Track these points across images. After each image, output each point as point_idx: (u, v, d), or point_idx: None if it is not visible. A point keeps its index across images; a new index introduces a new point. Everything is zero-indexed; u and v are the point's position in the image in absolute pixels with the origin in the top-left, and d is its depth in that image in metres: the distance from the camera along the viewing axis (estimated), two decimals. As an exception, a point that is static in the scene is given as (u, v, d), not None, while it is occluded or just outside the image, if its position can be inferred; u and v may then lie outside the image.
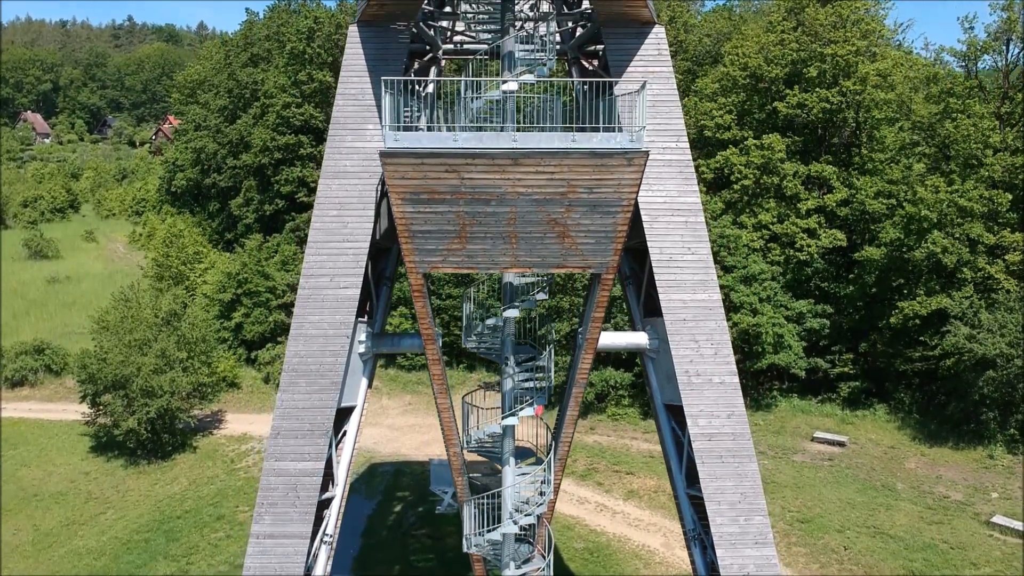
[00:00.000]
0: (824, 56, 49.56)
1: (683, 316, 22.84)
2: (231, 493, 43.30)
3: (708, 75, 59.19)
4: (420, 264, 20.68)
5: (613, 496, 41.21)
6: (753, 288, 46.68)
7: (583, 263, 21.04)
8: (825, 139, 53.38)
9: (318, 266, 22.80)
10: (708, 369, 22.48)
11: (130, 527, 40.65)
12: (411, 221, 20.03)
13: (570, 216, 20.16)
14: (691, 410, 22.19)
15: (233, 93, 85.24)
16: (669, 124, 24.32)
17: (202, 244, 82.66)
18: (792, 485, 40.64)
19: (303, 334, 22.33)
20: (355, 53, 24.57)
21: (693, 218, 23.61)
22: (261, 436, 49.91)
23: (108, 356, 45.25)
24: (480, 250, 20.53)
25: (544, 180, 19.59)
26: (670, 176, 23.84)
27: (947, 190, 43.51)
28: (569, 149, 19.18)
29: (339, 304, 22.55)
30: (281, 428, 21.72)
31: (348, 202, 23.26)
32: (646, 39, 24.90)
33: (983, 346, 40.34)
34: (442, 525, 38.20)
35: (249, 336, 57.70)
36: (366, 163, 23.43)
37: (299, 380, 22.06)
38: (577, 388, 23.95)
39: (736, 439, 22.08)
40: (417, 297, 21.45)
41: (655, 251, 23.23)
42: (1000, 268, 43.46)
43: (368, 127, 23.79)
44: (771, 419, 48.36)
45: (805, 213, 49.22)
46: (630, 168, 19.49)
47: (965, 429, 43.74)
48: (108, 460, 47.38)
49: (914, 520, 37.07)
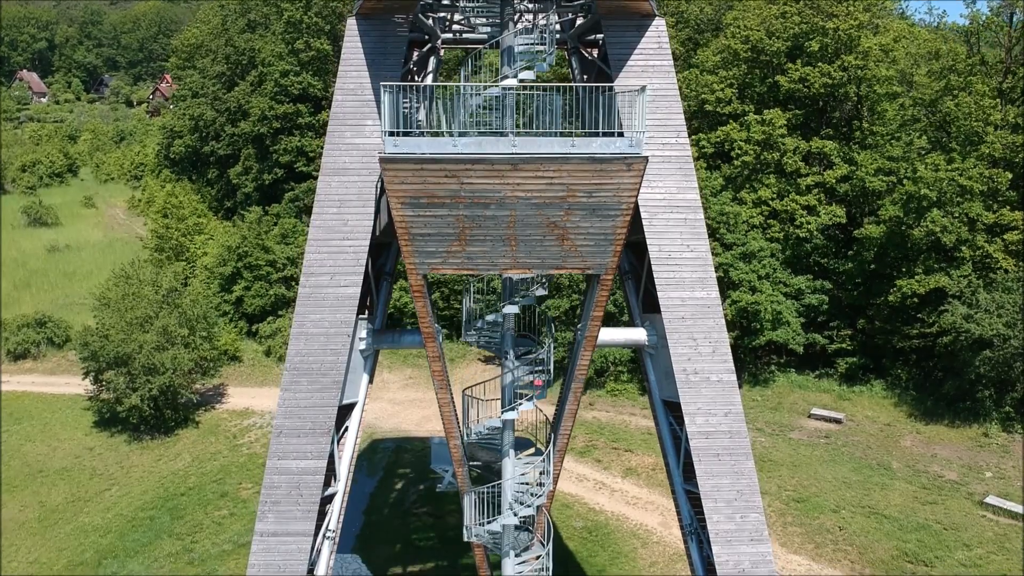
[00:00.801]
0: (826, 30, 49.14)
1: (681, 314, 22.99)
2: (234, 469, 43.81)
3: (710, 46, 58.70)
4: (420, 266, 20.78)
5: (612, 473, 41.71)
6: (752, 265, 46.79)
7: (582, 264, 21.17)
8: (826, 112, 53.15)
9: (318, 264, 22.87)
10: (706, 367, 22.69)
11: (135, 504, 41.18)
12: (411, 224, 20.09)
13: (569, 219, 20.23)
14: (689, 408, 22.45)
15: (231, 60, 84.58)
16: (669, 120, 24.26)
17: (202, 212, 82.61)
18: (789, 463, 41.11)
19: (304, 332, 22.48)
20: (353, 47, 24.41)
21: (692, 215, 23.70)
22: (263, 411, 50.40)
23: (110, 333, 45.49)
24: (480, 252, 20.62)
25: (544, 185, 19.64)
26: (670, 173, 23.84)
27: (947, 168, 43.43)
28: (569, 155, 19.21)
29: (340, 302, 22.67)
30: (284, 427, 21.95)
31: (348, 199, 23.27)
32: (646, 32, 24.74)
33: (980, 326, 40.56)
34: (443, 503, 38.71)
35: (250, 309, 57.95)
36: (365, 160, 23.39)
37: (300, 379, 22.27)
38: (576, 383, 24.17)
39: (733, 437, 22.39)
40: (417, 297, 21.60)
41: (654, 248, 23.32)
42: (999, 247, 43.53)
43: (367, 123, 23.72)
44: (768, 394, 48.77)
45: (805, 189, 49.16)
46: (630, 173, 19.52)
47: (961, 407, 44.15)
48: (112, 435, 47.83)
49: (908, 500, 37.58)
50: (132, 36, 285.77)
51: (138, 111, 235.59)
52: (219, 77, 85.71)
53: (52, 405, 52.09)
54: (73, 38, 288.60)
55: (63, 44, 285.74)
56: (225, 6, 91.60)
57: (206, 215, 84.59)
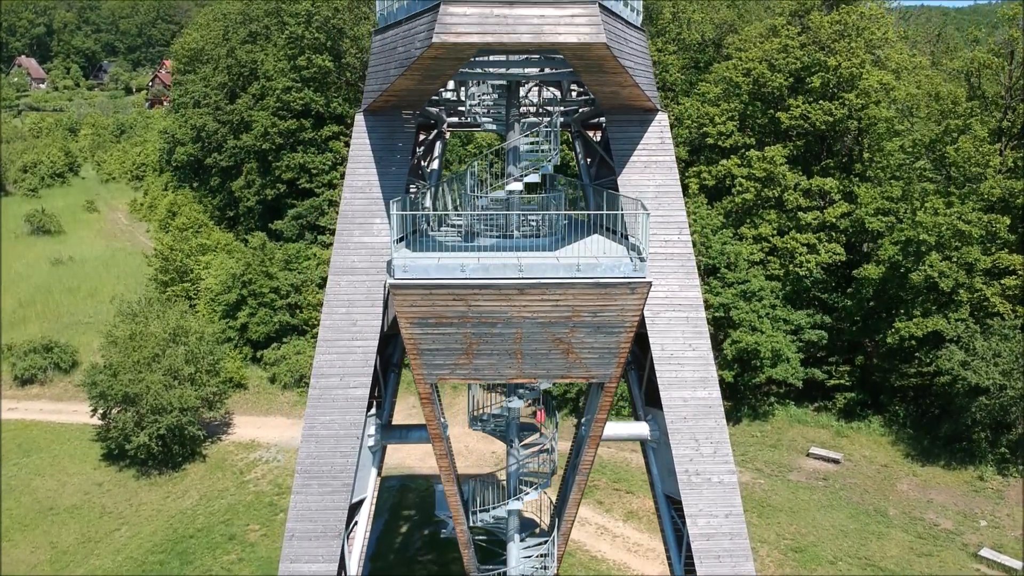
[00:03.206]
0: (828, 67, 49.35)
1: (683, 414, 23.51)
2: (241, 509, 44.46)
3: (711, 71, 58.89)
4: (428, 376, 21.34)
5: (613, 516, 42.39)
6: (752, 305, 47.25)
7: (587, 374, 21.71)
8: (827, 142, 53.42)
9: (328, 365, 23.35)
10: (707, 468, 23.23)
11: (144, 546, 41.87)
12: (419, 341, 20.58)
13: (574, 336, 20.71)
14: (690, 509, 23.00)
15: (232, 71, 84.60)
16: (671, 216, 24.67)
17: (203, 224, 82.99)
18: (787, 509, 41.77)
19: (315, 435, 23.01)
20: (361, 143, 24.81)
21: (694, 313, 24.15)
22: (268, 443, 51.09)
23: (118, 372, 46.03)
24: (486, 364, 21.12)
25: (549, 306, 20.11)
26: (672, 271, 24.28)
27: (946, 212, 43.80)
28: (574, 280, 19.64)
29: (349, 404, 23.18)
30: (296, 530, 22.53)
31: (356, 299, 23.72)
32: (649, 127, 25.12)
33: (977, 375, 41.09)
34: (447, 551, 39.36)
35: (254, 336, 58.44)
36: (373, 259, 23.83)
37: (311, 482, 22.82)
38: (580, 476, 24.76)
39: (733, 539, 22.94)
40: (425, 403, 22.22)
41: (656, 348, 23.79)
42: (996, 291, 43.96)
43: (375, 221, 24.14)
44: (768, 430, 49.39)
45: (806, 226, 49.50)
46: (634, 296, 19.99)
47: (957, 447, 44.77)
48: (120, 470, 48.46)
49: (904, 551, 38.28)
50: (130, 21, 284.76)
51: (137, 98, 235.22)
52: (221, 88, 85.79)
53: (61, 436, 52.72)
54: (71, 23, 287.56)
55: (61, 30, 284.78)
56: (227, 16, 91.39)
57: (208, 226, 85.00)
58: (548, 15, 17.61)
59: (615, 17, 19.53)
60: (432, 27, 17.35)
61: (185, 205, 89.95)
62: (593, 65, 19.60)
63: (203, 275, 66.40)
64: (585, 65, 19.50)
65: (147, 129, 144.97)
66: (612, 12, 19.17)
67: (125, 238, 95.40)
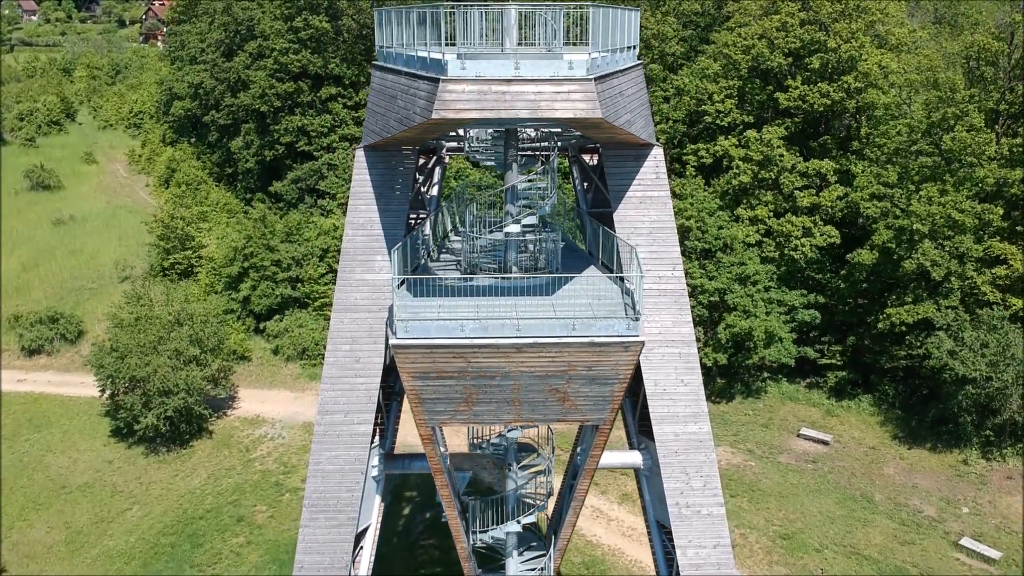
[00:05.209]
0: (828, 48, 49.23)
1: (675, 448, 24.48)
2: (248, 489, 45.87)
3: (710, 43, 58.49)
4: (429, 420, 22.28)
5: (608, 499, 43.81)
6: (747, 289, 48.00)
7: (582, 418, 22.63)
8: (826, 121, 53.52)
9: (332, 402, 24.25)
10: (697, 501, 24.29)
11: (156, 527, 43.36)
12: (420, 392, 21.42)
13: (570, 386, 21.54)
14: (680, 540, 24.11)
15: (228, 28, 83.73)
16: (665, 252, 25.27)
17: (204, 179, 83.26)
18: (776, 494, 43.18)
19: (321, 470, 24.02)
20: (362, 179, 25.28)
21: (686, 349, 24.90)
22: (272, 418, 52.36)
23: (125, 357, 47.02)
24: (486, 410, 22.02)
25: (546, 363, 20.88)
26: (666, 306, 24.97)
27: (940, 201, 44.25)
28: (570, 340, 20.38)
29: (353, 440, 24.16)
30: (304, 563, 23.69)
31: (359, 336, 24.49)
32: (645, 161, 25.56)
33: (964, 366, 42.05)
34: (449, 535, 40.62)
35: (257, 309, 59.28)
36: (375, 296, 24.52)
37: (318, 516, 23.91)
38: (576, 502, 25.90)
39: (721, 568, 24.12)
40: (426, 443, 23.21)
41: (650, 383, 24.61)
42: (987, 279, 44.64)
43: (377, 258, 24.78)
44: (760, 408, 50.61)
45: (802, 209, 49.93)
46: (627, 353, 20.74)
47: (943, 430, 46.01)
48: (129, 447, 49.74)
49: (888, 538, 39.75)
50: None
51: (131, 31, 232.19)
52: (217, 45, 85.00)
53: (70, 410, 53.93)
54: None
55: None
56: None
57: (207, 183, 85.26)
58: (545, 91, 18.00)
59: (611, 77, 19.84)
60: (432, 99, 17.74)
61: (184, 161, 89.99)
62: (589, 127, 20.16)
63: (204, 242, 67.02)
64: (582, 127, 20.08)
65: (143, 70, 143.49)
66: (608, 74, 19.48)
67: (125, 194, 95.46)
